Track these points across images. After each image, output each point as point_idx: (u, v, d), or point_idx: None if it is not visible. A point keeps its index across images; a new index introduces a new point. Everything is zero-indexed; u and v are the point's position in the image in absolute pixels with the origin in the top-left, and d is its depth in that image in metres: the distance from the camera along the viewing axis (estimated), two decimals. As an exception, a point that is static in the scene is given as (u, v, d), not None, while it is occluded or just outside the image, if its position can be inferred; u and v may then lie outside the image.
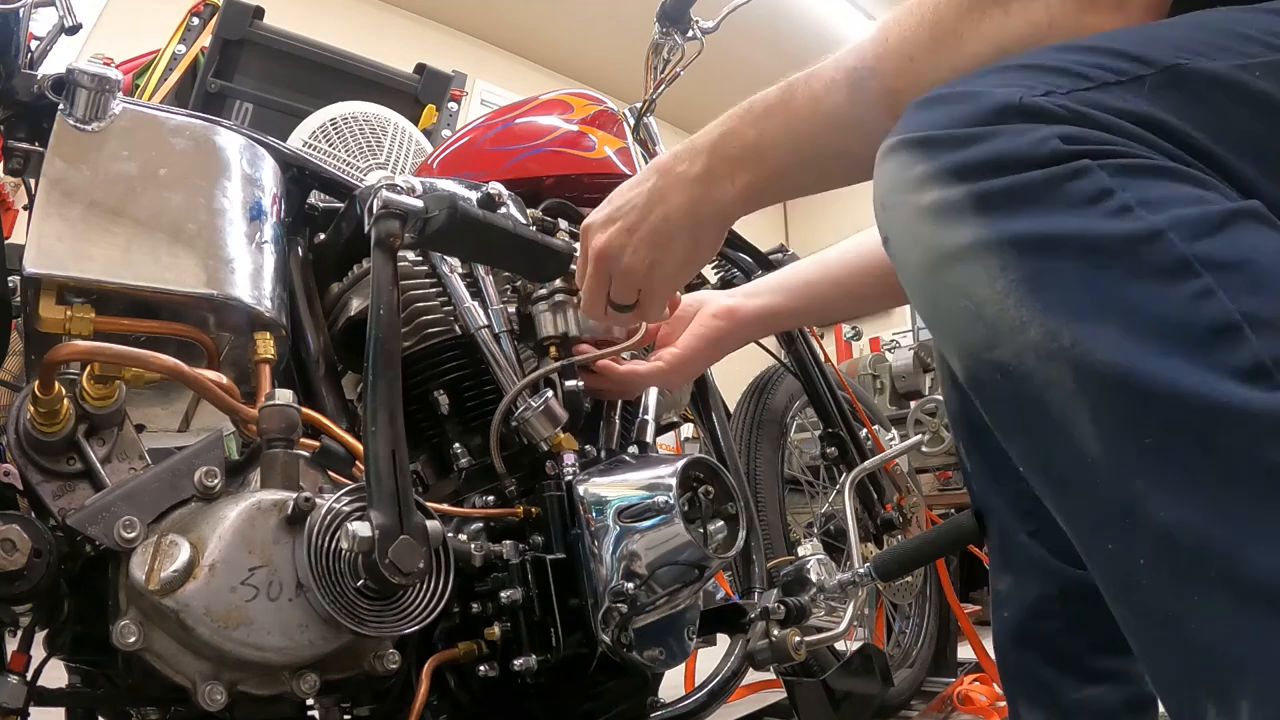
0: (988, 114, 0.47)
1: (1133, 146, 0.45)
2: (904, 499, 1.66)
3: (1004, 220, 0.44)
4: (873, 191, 0.52)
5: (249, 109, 1.99)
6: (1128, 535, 0.41)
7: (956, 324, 0.47)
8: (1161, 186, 0.43)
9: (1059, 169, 0.44)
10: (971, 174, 0.46)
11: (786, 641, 0.93)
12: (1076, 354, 0.42)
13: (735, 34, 1.66)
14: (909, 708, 1.80)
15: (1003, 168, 0.45)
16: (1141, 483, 0.40)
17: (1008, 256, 0.44)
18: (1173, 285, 0.41)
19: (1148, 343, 0.40)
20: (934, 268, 0.48)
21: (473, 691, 0.88)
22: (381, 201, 0.81)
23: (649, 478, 0.89)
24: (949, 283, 0.47)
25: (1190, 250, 0.41)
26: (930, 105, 0.51)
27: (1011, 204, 0.45)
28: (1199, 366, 0.39)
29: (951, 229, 0.46)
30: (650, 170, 0.79)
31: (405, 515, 0.71)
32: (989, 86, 0.49)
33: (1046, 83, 0.48)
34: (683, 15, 1.47)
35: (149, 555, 0.68)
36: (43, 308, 0.76)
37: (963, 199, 0.46)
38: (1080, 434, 0.42)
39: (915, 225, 0.48)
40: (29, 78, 0.85)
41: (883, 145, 0.52)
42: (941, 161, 0.47)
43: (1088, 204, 0.43)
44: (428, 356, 1.01)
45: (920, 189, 0.48)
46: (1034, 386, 0.44)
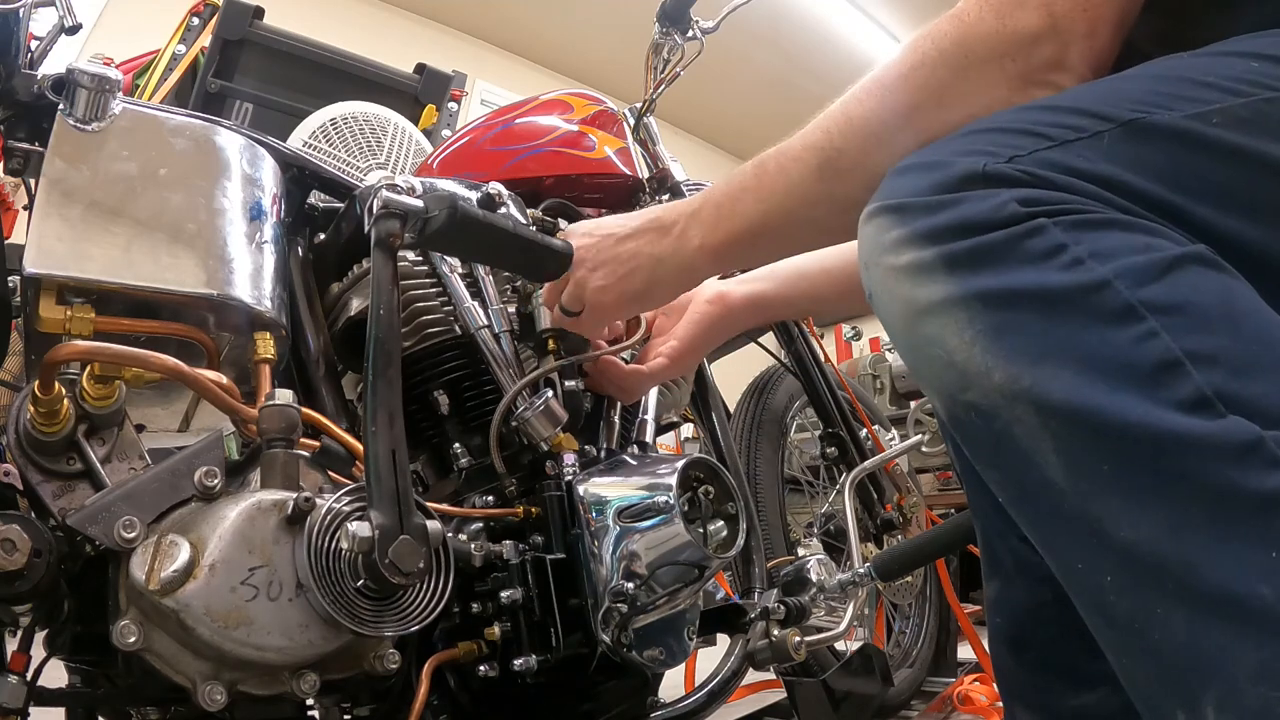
0: (954, 182, 0.52)
1: (1087, 204, 0.49)
2: (904, 499, 1.66)
3: (970, 278, 0.49)
4: (857, 252, 0.58)
5: (249, 109, 1.99)
6: (1094, 554, 0.45)
7: (933, 370, 0.52)
8: (1111, 238, 0.48)
9: (1017, 229, 0.48)
10: (940, 237, 0.50)
11: (786, 641, 0.93)
12: (1036, 394, 0.46)
13: (735, 34, 1.66)
14: (909, 708, 1.80)
15: (968, 230, 0.50)
16: (1102, 505, 0.44)
17: (974, 310, 0.49)
18: (1120, 329, 0.45)
19: (1099, 381, 0.45)
20: (911, 321, 0.52)
21: (473, 691, 0.88)
22: (381, 201, 0.81)
23: (649, 478, 0.89)
24: (924, 334, 0.51)
25: (1135, 296, 0.45)
26: (904, 173, 0.56)
27: (976, 262, 0.49)
28: (1146, 400, 0.43)
29: (924, 287, 0.51)
30: (641, 214, 0.88)
31: (405, 515, 0.71)
32: (956, 155, 0.53)
33: (1010, 145, 0.53)
34: (683, 15, 1.47)
35: (149, 555, 0.68)
36: (43, 308, 0.76)
37: (933, 260, 0.50)
38: (1046, 464, 0.46)
39: (893, 284, 0.53)
40: (29, 78, 0.85)
41: (865, 209, 0.56)
42: (914, 226, 0.52)
43: (1043, 259, 0.48)
44: (428, 356, 1.01)
45: (896, 251, 0.53)
46: (1002, 423, 0.48)
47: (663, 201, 1.43)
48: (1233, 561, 0.41)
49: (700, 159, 5.70)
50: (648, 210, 0.88)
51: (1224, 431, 0.42)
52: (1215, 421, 0.42)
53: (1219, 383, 0.43)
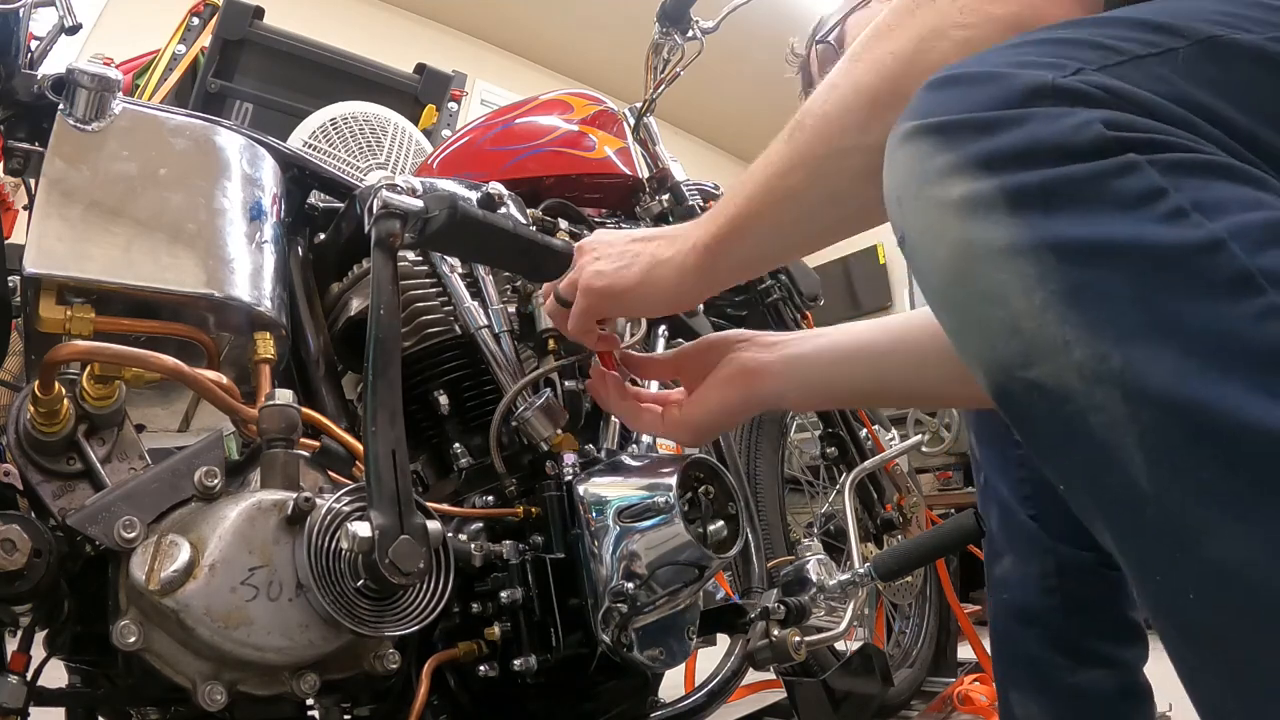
0: (1017, 96, 0.42)
1: (1181, 136, 0.41)
2: (904, 499, 1.66)
3: (1042, 221, 0.40)
4: (884, 183, 0.48)
5: (249, 109, 1.99)
6: (1177, 567, 0.38)
7: (987, 335, 0.43)
8: (1219, 187, 0.39)
9: (1105, 164, 0.39)
10: (1002, 165, 0.41)
11: (786, 641, 0.93)
12: (1128, 378, 0.38)
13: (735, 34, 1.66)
14: (909, 708, 1.80)
15: (1038, 158, 0.40)
16: (1195, 517, 0.37)
17: (1047, 264, 0.40)
18: (1235, 302, 0.37)
19: (1207, 367, 0.36)
20: (961, 273, 0.43)
21: (473, 691, 0.88)
22: (381, 201, 0.81)
23: (649, 478, 0.89)
24: (979, 290, 0.42)
25: (1254, 262, 0.37)
26: (946, 85, 0.45)
27: (1050, 202, 0.40)
28: (1264, 395, 0.35)
29: (982, 228, 0.41)
30: (663, 228, 0.82)
31: (405, 515, 0.71)
32: (1012, 66, 0.44)
33: (1074, 57, 0.43)
34: (683, 15, 1.47)
35: (149, 555, 0.68)
36: (43, 308, 0.76)
37: (994, 194, 0.41)
38: (1127, 462, 0.38)
39: (939, 222, 0.44)
40: (29, 78, 0.85)
41: (893, 131, 0.47)
42: (967, 150, 0.42)
43: (1138, 206, 0.39)
44: (428, 356, 1.01)
45: (943, 181, 0.43)
46: (1075, 409, 0.40)
47: (663, 202, 1.43)
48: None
49: (700, 159, 5.69)
50: (660, 228, 0.83)
51: None
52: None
53: None
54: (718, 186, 1.56)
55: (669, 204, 1.43)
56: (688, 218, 1.43)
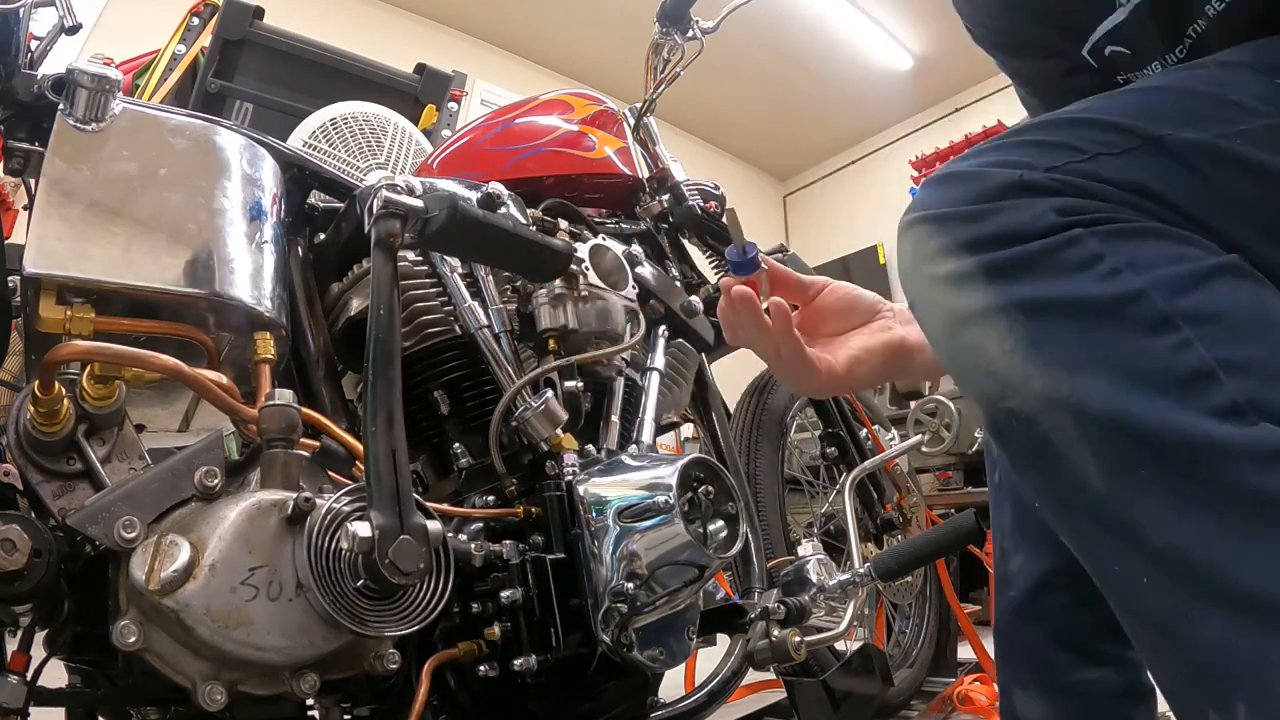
0: (993, 192, 0.53)
1: (1121, 212, 0.51)
2: (904, 499, 1.66)
3: (1009, 286, 0.50)
4: (896, 262, 0.59)
5: (249, 109, 1.99)
6: (1130, 557, 0.46)
7: (975, 378, 0.53)
8: (1146, 248, 0.49)
9: (1054, 239, 0.50)
10: (980, 246, 0.52)
11: (786, 641, 0.93)
12: (1075, 401, 0.47)
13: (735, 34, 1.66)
14: (909, 708, 1.80)
15: (1007, 240, 0.51)
16: (1139, 510, 0.46)
17: (1013, 319, 0.50)
18: (1156, 339, 0.46)
19: (1135, 389, 0.46)
20: (952, 330, 0.54)
21: (473, 691, 0.88)
22: (381, 201, 0.81)
23: (649, 478, 0.89)
24: (965, 343, 0.53)
25: (1170, 307, 0.47)
26: (941, 184, 0.56)
27: (1015, 272, 0.50)
28: (1182, 408, 0.45)
29: (965, 296, 0.52)
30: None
31: (405, 515, 0.71)
32: (992, 166, 0.54)
33: (1045, 157, 0.54)
34: (683, 15, 1.47)
35: (149, 555, 0.67)
36: (43, 308, 0.76)
37: (974, 269, 0.52)
38: (1084, 469, 0.47)
39: (934, 293, 0.54)
40: (29, 78, 0.85)
41: (902, 220, 0.57)
42: (954, 236, 0.53)
43: (1080, 269, 0.49)
44: (428, 356, 1.01)
45: (937, 261, 0.54)
46: (1041, 430, 0.49)
47: (663, 202, 1.43)
48: (1265, 565, 0.42)
49: (700, 159, 5.70)
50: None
51: (1256, 439, 0.43)
52: (1247, 429, 0.43)
53: (1251, 391, 0.44)
54: (718, 186, 1.56)
55: (669, 204, 1.43)
56: (687, 218, 1.43)
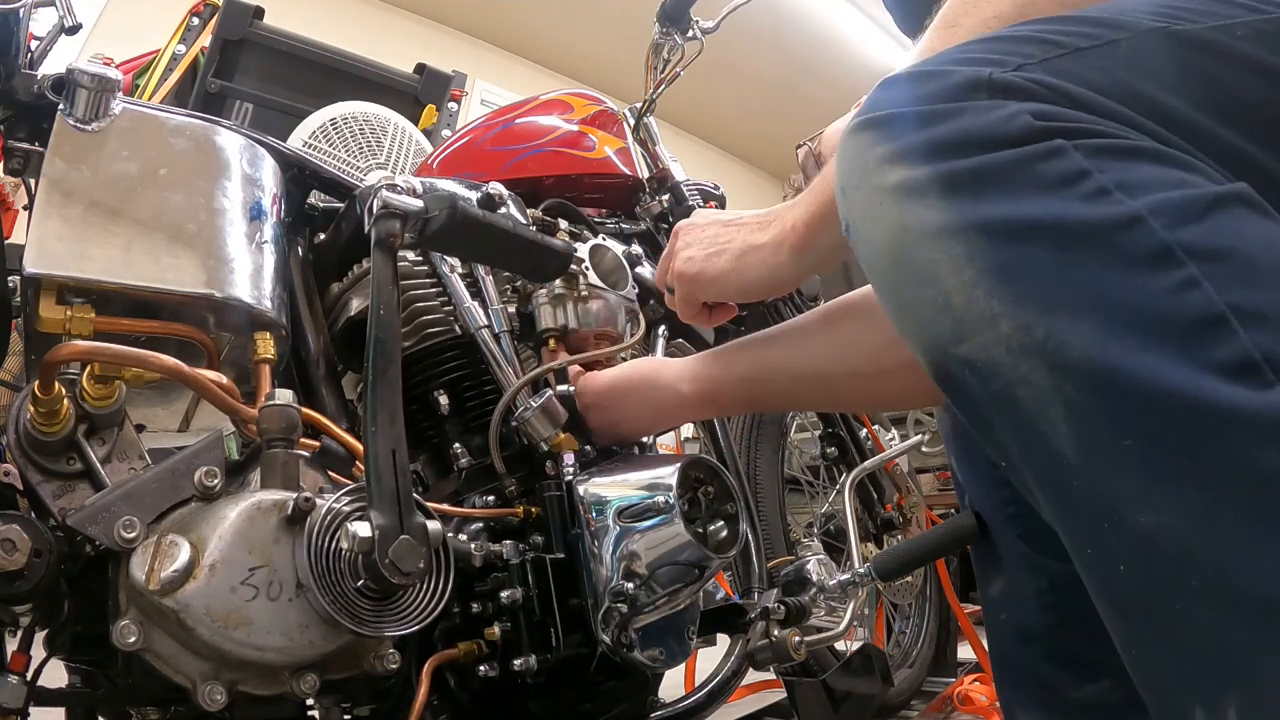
0: (954, 91, 0.44)
1: (1110, 125, 0.42)
2: (904, 499, 1.66)
3: (971, 204, 0.41)
4: (835, 176, 0.49)
5: (249, 109, 1.99)
6: (1106, 539, 0.39)
7: (922, 315, 0.44)
8: (1142, 169, 0.40)
9: (1030, 149, 0.41)
10: (937, 153, 0.43)
11: (786, 641, 0.93)
12: (1050, 348, 0.39)
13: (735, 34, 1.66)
14: (909, 708, 1.80)
15: (970, 146, 0.42)
16: (1120, 486, 0.38)
17: (975, 244, 0.41)
18: (1154, 275, 0.38)
19: (1127, 336, 0.37)
20: (897, 254, 0.45)
21: (473, 691, 0.88)
22: (381, 201, 0.81)
23: (649, 478, 0.89)
24: (913, 271, 0.44)
25: (1172, 237, 0.38)
26: (894, 84, 0.47)
27: (979, 186, 0.41)
28: (1183, 362, 0.36)
29: (915, 212, 0.43)
30: (755, 211, 0.82)
31: (405, 515, 0.71)
32: (954, 64, 0.46)
33: (1017, 53, 0.45)
34: (683, 15, 1.47)
35: (149, 555, 0.68)
36: (43, 308, 0.76)
37: (927, 180, 0.43)
38: (1054, 433, 0.39)
39: (877, 208, 0.45)
40: (29, 78, 0.85)
41: (846, 127, 0.49)
42: (905, 140, 0.44)
43: (1062, 187, 0.40)
44: (428, 356, 1.01)
45: (882, 170, 0.45)
46: (1003, 383, 0.41)
47: (663, 202, 1.43)
48: (1270, 558, 0.35)
49: (700, 159, 5.70)
50: (753, 211, 0.83)
51: (1273, 405, 0.35)
52: (1263, 392, 0.35)
53: (1269, 344, 0.36)
54: (718, 186, 1.56)
55: (669, 204, 1.43)
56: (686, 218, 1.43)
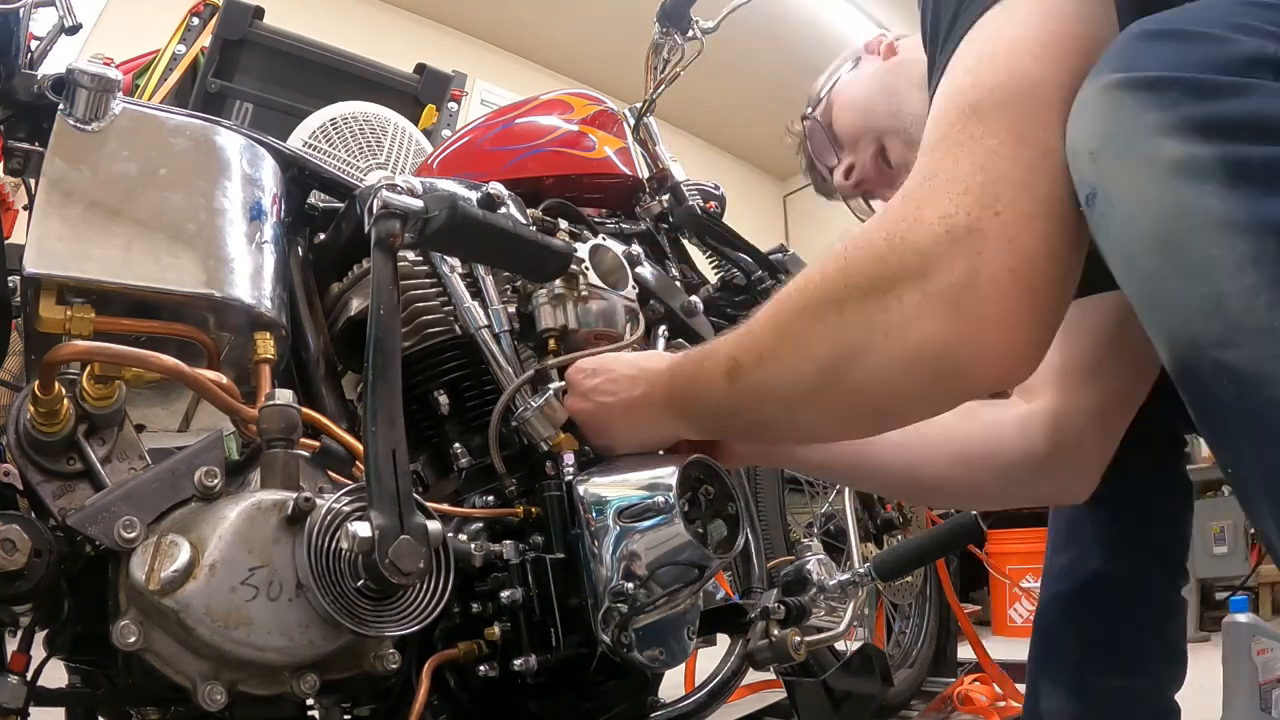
0: (1237, 63, 0.40)
1: None
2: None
3: (1264, 199, 0.38)
4: (1082, 138, 0.45)
5: (249, 109, 1.99)
6: None
7: (1183, 309, 0.41)
8: None
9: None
10: (1224, 134, 0.39)
11: (786, 641, 0.93)
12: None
13: (735, 33, 1.66)
14: (909, 708, 1.80)
15: (1263, 133, 0.38)
16: None
17: (1266, 246, 0.38)
18: None
19: None
20: (1166, 240, 0.41)
21: (473, 691, 0.88)
22: (381, 201, 0.81)
23: (649, 478, 0.89)
24: (1184, 262, 0.40)
25: None
26: (1156, 39, 0.43)
27: (1275, 181, 0.38)
28: None
29: (1195, 197, 0.39)
30: (640, 372, 0.87)
31: (405, 515, 0.71)
32: (1230, 29, 0.41)
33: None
34: (683, 15, 1.47)
35: (149, 555, 0.67)
36: (43, 308, 0.76)
37: (1212, 162, 0.39)
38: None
39: (1147, 184, 0.41)
40: (29, 78, 0.85)
41: (1092, 81, 0.44)
42: (1183, 111, 0.40)
43: None
44: (428, 356, 1.01)
45: (1155, 139, 0.40)
46: (1267, 398, 0.38)
47: (663, 202, 1.43)
48: None
49: (700, 159, 5.69)
50: (642, 371, 0.87)
51: None
52: None
53: None
54: (718, 186, 1.56)
55: (669, 204, 1.43)
56: (687, 218, 1.43)
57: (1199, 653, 0.42)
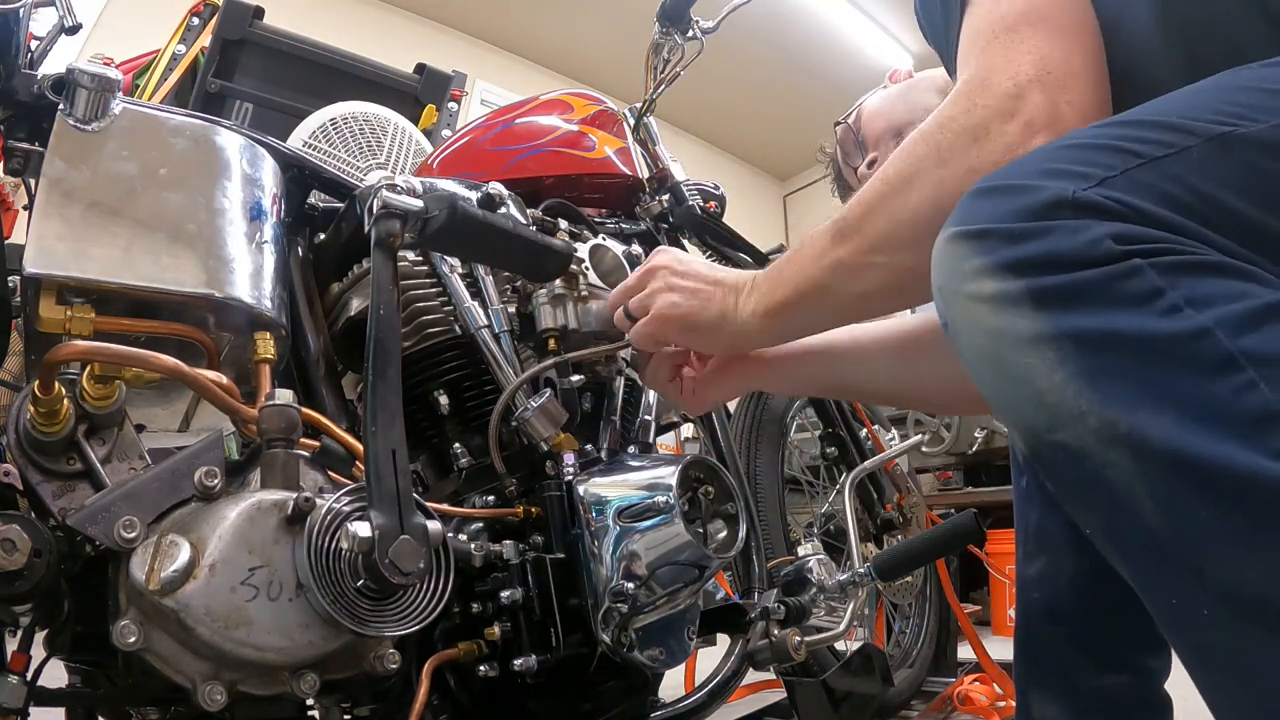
0: (1041, 208, 0.50)
1: (1181, 242, 0.48)
2: (904, 499, 1.66)
3: (1062, 316, 0.48)
4: (932, 277, 0.56)
5: (249, 109, 1.99)
6: (1190, 592, 0.46)
7: (1018, 407, 0.51)
8: (1207, 283, 0.47)
9: (1112, 269, 0.47)
10: (1028, 269, 0.49)
11: (786, 641, 0.93)
12: (1135, 440, 0.45)
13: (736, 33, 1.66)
14: (909, 708, 1.80)
15: (1058, 265, 0.48)
16: (1200, 550, 0.44)
17: (1066, 350, 0.47)
18: (1220, 379, 0.45)
19: (1200, 430, 0.44)
20: (995, 356, 0.51)
21: (473, 691, 0.88)
22: (381, 201, 0.81)
23: (649, 478, 0.89)
24: (1009, 371, 0.50)
25: (1235, 346, 0.45)
26: (984, 196, 0.54)
27: (1068, 301, 0.48)
28: (1247, 449, 0.43)
29: (1011, 320, 0.49)
30: (723, 269, 0.90)
31: (405, 515, 0.71)
32: (1041, 178, 0.52)
33: (1098, 164, 0.51)
34: (683, 15, 1.47)
35: (149, 555, 0.68)
36: (43, 308, 0.76)
37: (1021, 293, 0.49)
38: (1140, 509, 0.46)
39: (974, 314, 0.52)
40: (29, 78, 0.85)
41: (941, 234, 0.55)
42: (998, 255, 0.50)
43: (1140, 303, 0.47)
44: (428, 356, 1.01)
45: (978, 280, 0.51)
46: (1093, 466, 0.47)
47: (663, 202, 1.43)
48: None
49: (700, 159, 5.70)
50: (726, 270, 0.89)
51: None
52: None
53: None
54: (718, 186, 1.56)
55: (669, 204, 1.43)
56: (688, 218, 1.43)
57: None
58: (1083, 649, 0.88)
